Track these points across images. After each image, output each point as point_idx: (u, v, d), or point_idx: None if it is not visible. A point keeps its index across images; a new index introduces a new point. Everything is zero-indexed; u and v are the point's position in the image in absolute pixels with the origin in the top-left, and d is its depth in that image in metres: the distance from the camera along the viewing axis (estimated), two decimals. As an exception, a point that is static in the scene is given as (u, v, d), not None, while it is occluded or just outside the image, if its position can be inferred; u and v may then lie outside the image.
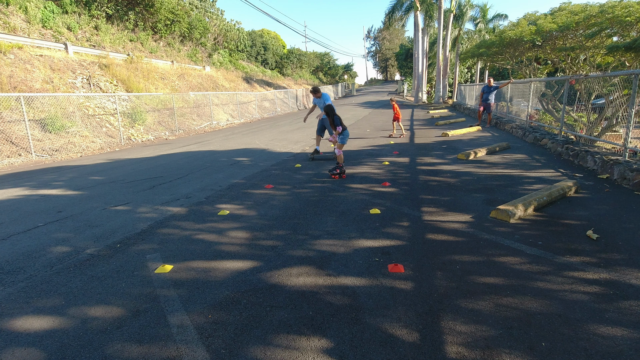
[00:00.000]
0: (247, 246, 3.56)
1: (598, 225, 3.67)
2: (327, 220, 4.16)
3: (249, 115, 22.56)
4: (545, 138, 8.47)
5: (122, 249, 3.59)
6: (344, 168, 6.21)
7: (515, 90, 12.22)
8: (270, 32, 46.34)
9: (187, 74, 20.93)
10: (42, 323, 2.41)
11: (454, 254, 3.20)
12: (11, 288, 2.89)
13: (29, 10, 14.71)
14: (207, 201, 5.13)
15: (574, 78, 8.10)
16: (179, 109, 16.96)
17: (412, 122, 15.54)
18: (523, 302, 2.44)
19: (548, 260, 3.02)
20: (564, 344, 2.03)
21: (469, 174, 6.11)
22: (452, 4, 26.52)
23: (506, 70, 24.32)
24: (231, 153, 9.45)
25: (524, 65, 18.35)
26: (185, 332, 2.25)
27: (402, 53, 53.31)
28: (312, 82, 46.42)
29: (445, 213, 4.26)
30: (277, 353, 2.05)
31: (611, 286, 2.59)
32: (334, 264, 3.10)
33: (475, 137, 10.49)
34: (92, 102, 13.15)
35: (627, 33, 11.05)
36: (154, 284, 2.87)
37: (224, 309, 2.49)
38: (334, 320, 2.32)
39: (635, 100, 5.35)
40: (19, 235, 4.05)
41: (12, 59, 11.92)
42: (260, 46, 38.50)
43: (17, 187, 6.45)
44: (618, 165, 5.35)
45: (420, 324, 2.25)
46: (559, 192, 4.55)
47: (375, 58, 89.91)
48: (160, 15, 21.43)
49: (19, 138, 9.95)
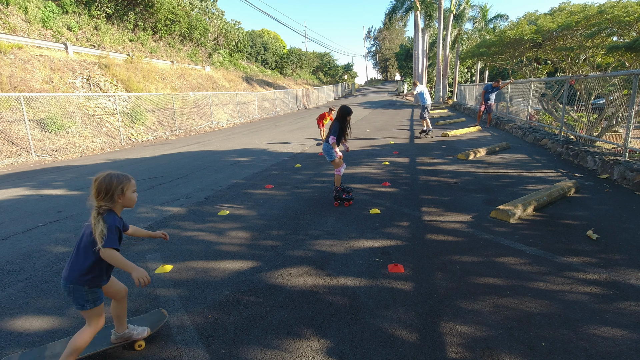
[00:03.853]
0: (247, 246, 3.56)
1: (598, 225, 3.67)
2: (327, 220, 4.16)
3: (249, 115, 22.56)
4: (545, 138, 8.47)
5: (122, 249, 3.57)
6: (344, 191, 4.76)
7: (515, 90, 12.21)
8: (270, 32, 46.37)
9: (187, 74, 20.93)
10: (42, 323, 2.41)
11: (454, 254, 3.20)
12: (11, 288, 2.89)
13: (29, 10, 14.71)
14: (207, 201, 5.13)
15: (574, 78, 8.10)
16: (179, 109, 16.96)
17: (412, 122, 15.54)
18: (523, 302, 2.44)
19: (548, 260, 3.02)
20: (564, 344, 2.03)
21: (469, 174, 6.11)
22: (452, 4, 26.53)
23: (506, 70, 24.31)
24: (231, 153, 9.45)
25: (524, 65, 18.35)
26: (185, 332, 2.25)
27: (402, 53, 53.35)
28: (312, 82, 46.44)
29: (445, 213, 4.26)
30: (277, 353, 2.05)
31: (611, 286, 2.59)
32: (333, 264, 3.10)
33: (475, 137, 10.49)
34: (92, 102, 13.15)
35: (627, 33, 11.05)
36: (154, 284, 2.86)
37: (224, 309, 2.49)
38: (334, 320, 2.32)
39: (635, 100, 5.35)
40: (19, 235, 4.05)
41: (12, 59, 11.92)
42: (260, 46, 38.50)
43: (17, 187, 6.45)
44: (618, 165, 5.35)
45: (420, 324, 2.25)
46: (559, 192, 4.55)
47: (375, 58, 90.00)
48: (160, 15, 21.43)
49: (19, 138, 9.94)
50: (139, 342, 2.09)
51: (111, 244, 1.73)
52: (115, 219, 1.80)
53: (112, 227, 1.75)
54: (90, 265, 1.77)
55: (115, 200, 1.79)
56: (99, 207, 1.76)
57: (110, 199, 1.77)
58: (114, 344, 2.05)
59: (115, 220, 1.79)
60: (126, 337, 2.06)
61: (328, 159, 4.77)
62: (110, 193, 1.76)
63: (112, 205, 1.80)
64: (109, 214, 1.78)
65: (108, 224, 1.74)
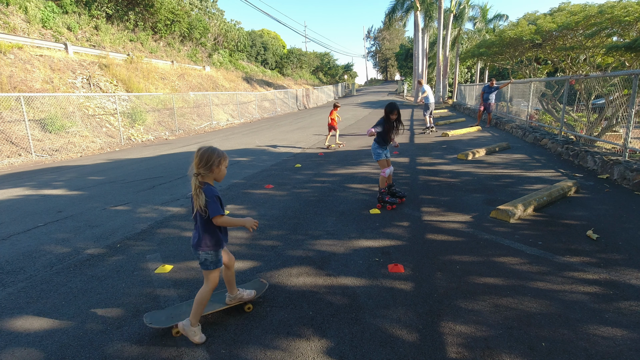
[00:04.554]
0: (247, 246, 3.56)
1: (598, 225, 3.67)
2: (327, 220, 4.16)
3: (249, 115, 22.56)
4: (545, 138, 8.47)
5: (122, 249, 3.59)
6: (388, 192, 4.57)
7: (515, 90, 12.21)
8: (270, 32, 46.36)
9: (187, 74, 20.93)
10: (42, 323, 2.41)
11: (454, 254, 3.20)
12: (11, 288, 2.90)
13: (29, 10, 14.71)
14: (207, 201, 5.13)
15: (574, 78, 8.10)
16: (179, 109, 16.97)
17: (412, 122, 15.53)
18: (523, 302, 2.44)
19: (548, 260, 3.02)
20: (564, 344, 2.03)
21: (468, 174, 6.11)
22: (452, 4, 26.53)
23: (506, 70, 24.31)
24: (231, 153, 9.45)
25: (524, 65, 18.36)
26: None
27: (402, 53, 53.33)
28: (312, 82, 46.45)
29: (445, 213, 4.26)
30: (277, 353, 2.06)
31: (611, 286, 2.59)
32: (333, 264, 3.10)
33: (475, 137, 10.48)
34: (92, 102, 13.15)
35: (627, 33, 11.05)
36: (154, 284, 2.87)
37: (224, 309, 2.48)
38: (334, 320, 2.32)
39: (635, 100, 5.35)
40: (19, 235, 4.05)
41: (12, 59, 11.92)
42: (260, 46, 38.50)
43: (17, 187, 6.45)
44: (618, 165, 5.35)
45: (420, 324, 2.25)
46: (559, 192, 4.55)
47: (375, 58, 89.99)
48: (160, 15, 21.43)
49: (19, 138, 9.95)
50: (248, 305, 2.46)
51: (218, 212, 2.02)
52: (214, 189, 2.07)
53: (213, 196, 2.03)
54: (208, 232, 2.09)
55: (211, 170, 2.06)
56: (197, 175, 2.03)
57: (209, 168, 2.05)
58: (228, 305, 2.41)
59: (214, 190, 2.06)
60: (238, 298, 2.41)
61: (374, 159, 4.60)
62: (209, 163, 2.05)
63: (207, 175, 2.07)
64: (207, 187, 2.05)
65: (209, 195, 2.01)
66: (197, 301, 2.15)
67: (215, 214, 2.01)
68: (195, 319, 2.14)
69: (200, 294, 2.16)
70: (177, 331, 2.21)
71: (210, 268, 2.14)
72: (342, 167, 7.02)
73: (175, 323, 2.21)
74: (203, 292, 2.16)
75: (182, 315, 2.29)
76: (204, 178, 2.05)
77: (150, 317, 2.29)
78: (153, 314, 2.34)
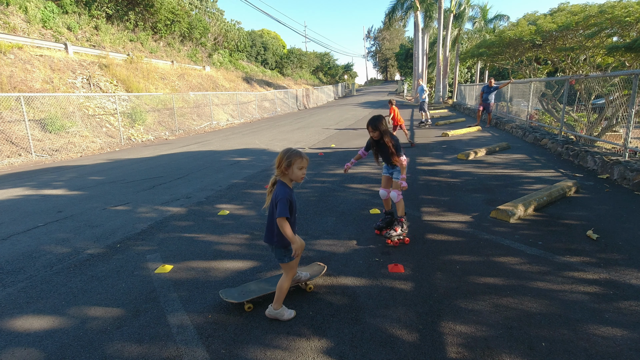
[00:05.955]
0: (247, 246, 3.56)
1: (598, 225, 3.67)
2: (327, 220, 4.16)
3: (249, 115, 22.56)
4: (545, 138, 8.47)
5: (122, 249, 3.59)
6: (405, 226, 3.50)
7: (515, 90, 12.21)
8: (270, 32, 46.34)
9: (187, 74, 20.93)
10: (42, 323, 2.41)
11: (454, 254, 3.20)
12: (11, 288, 2.89)
13: (29, 10, 14.71)
14: (207, 201, 5.13)
15: (574, 78, 8.10)
16: (179, 109, 16.96)
17: (412, 122, 15.53)
18: (523, 302, 2.44)
19: (548, 260, 3.02)
20: (564, 344, 2.03)
21: (468, 174, 6.11)
22: (452, 4, 26.52)
23: (506, 70, 24.31)
24: (231, 153, 9.45)
25: (524, 65, 18.36)
26: (185, 332, 2.25)
27: (402, 53, 53.35)
28: (312, 82, 46.44)
29: (445, 213, 4.26)
30: (277, 353, 2.05)
31: (611, 286, 2.59)
32: (333, 264, 3.10)
33: (475, 137, 10.48)
34: (92, 102, 13.15)
35: (627, 33, 11.05)
36: (154, 284, 2.87)
37: (224, 309, 2.49)
38: (334, 320, 2.32)
39: (635, 100, 5.35)
40: (19, 235, 4.05)
41: (12, 59, 11.92)
42: (260, 46, 38.49)
43: (17, 187, 6.45)
44: (618, 165, 5.35)
45: (420, 324, 2.25)
46: (559, 192, 4.55)
47: (375, 58, 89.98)
48: (160, 15, 21.42)
49: (19, 138, 9.94)
50: (309, 285, 2.68)
51: (283, 214, 2.07)
52: (287, 191, 2.13)
53: (284, 199, 2.08)
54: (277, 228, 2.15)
55: (282, 171, 2.13)
56: (276, 176, 2.17)
57: (280, 168, 2.13)
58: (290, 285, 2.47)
59: (287, 192, 2.12)
60: (296, 280, 2.59)
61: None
62: (279, 164, 2.13)
63: (282, 176, 2.16)
64: (282, 187, 2.14)
65: (281, 196, 2.09)
66: (278, 288, 2.30)
67: (280, 215, 2.07)
68: (277, 304, 2.30)
69: (281, 283, 2.30)
70: (249, 306, 2.44)
71: (285, 261, 2.25)
72: (342, 167, 7.02)
73: (246, 299, 2.43)
74: (283, 281, 2.30)
75: (251, 292, 2.52)
76: (281, 177, 2.17)
77: (225, 293, 2.51)
78: (227, 291, 2.57)
